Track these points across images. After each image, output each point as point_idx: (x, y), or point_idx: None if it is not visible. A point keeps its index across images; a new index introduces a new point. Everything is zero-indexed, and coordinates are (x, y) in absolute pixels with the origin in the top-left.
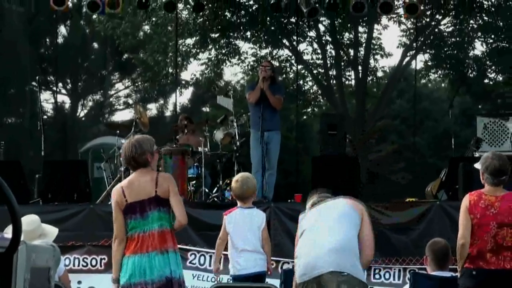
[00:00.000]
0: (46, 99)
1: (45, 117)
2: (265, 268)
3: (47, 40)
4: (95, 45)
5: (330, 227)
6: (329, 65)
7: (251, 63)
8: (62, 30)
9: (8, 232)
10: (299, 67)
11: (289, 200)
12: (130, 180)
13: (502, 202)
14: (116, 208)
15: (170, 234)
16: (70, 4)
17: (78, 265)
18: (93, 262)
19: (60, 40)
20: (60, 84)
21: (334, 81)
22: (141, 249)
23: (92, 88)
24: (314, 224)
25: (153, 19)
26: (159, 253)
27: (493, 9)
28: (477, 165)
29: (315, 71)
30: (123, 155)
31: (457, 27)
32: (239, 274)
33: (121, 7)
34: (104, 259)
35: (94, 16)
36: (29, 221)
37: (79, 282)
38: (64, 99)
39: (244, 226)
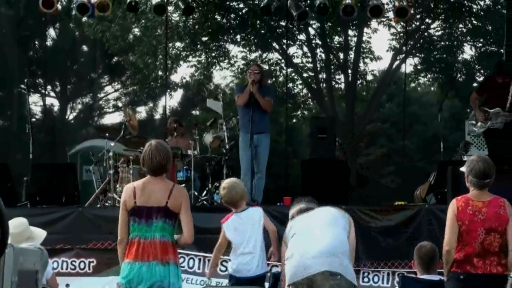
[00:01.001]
0: (35, 102)
1: (33, 119)
2: (264, 270)
3: (36, 43)
4: (85, 47)
5: (322, 229)
6: (318, 68)
7: (241, 66)
8: (51, 32)
9: None
10: (289, 70)
11: (278, 204)
12: (145, 182)
13: (489, 207)
14: (123, 207)
15: (171, 246)
16: (59, 7)
17: (66, 268)
18: (82, 265)
19: (49, 42)
20: (49, 87)
21: (324, 85)
22: (142, 256)
23: (81, 91)
24: (306, 227)
25: (143, 22)
26: (160, 264)
27: (482, 13)
28: (463, 168)
29: (304, 75)
30: (146, 159)
31: (447, 31)
32: (237, 276)
33: (110, 10)
34: (92, 262)
35: (84, 19)
36: (17, 224)
37: (67, 285)
38: (53, 102)
39: (245, 229)
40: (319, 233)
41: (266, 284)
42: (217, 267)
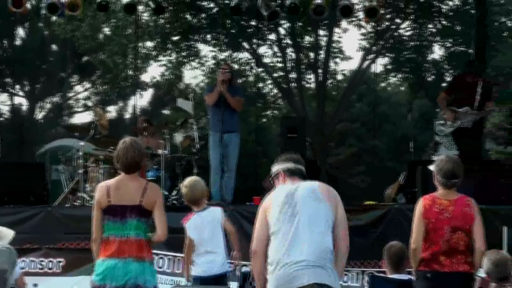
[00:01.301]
0: (3, 101)
1: (1, 119)
2: (227, 268)
3: (5, 42)
4: (54, 47)
5: (305, 231)
6: (289, 68)
7: (211, 66)
8: (20, 32)
9: None
10: (259, 70)
11: (247, 203)
12: (119, 181)
13: (456, 206)
14: (97, 206)
15: (145, 244)
16: (28, 6)
17: (35, 268)
18: (50, 265)
19: (18, 42)
20: (17, 86)
21: (294, 84)
22: (118, 253)
23: (50, 90)
24: (289, 226)
25: (113, 21)
26: (136, 260)
27: (451, 13)
28: (432, 167)
29: (275, 74)
30: (121, 156)
31: (416, 31)
32: (202, 275)
33: (80, 9)
34: (61, 261)
35: (54, 19)
36: None
37: (35, 285)
38: (21, 101)
39: (206, 228)
40: (304, 237)
41: (235, 284)
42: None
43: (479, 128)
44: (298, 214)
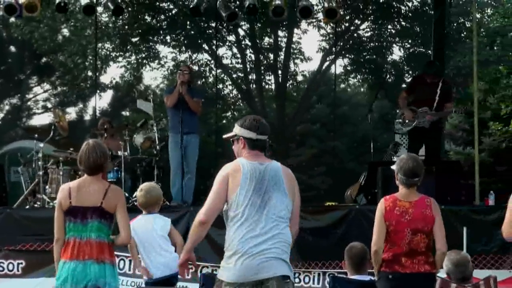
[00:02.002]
0: None
1: None
2: (175, 270)
3: None
4: (12, 48)
5: (273, 223)
6: (248, 69)
7: (171, 67)
8: None
9: None
10: (219, 71)
11: None
12: (80, 183)
13: (415, 208)
14: (58, 207)
15: (107, 246)
16: None
17: None
18: (10, 267)
19: None
20: None
21: (254, 86)
22: (77, 255)
23: (9, 92)
24: (257, 216)
25: (72, 22)
26: (95, 263)
27: (410, 14)
28: (393, 167)
29: (234, 75)
30: (84, 158)
31: (376, 32)
32: (150, 279)
33: (39, 10)
34: (21, 263)
35: (11, 20)
36: None
37: None
38: None
39: (149, 230)
40: (270, 229)
41: (196, 286)
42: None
43: (438, 129)
44: (267, 206)
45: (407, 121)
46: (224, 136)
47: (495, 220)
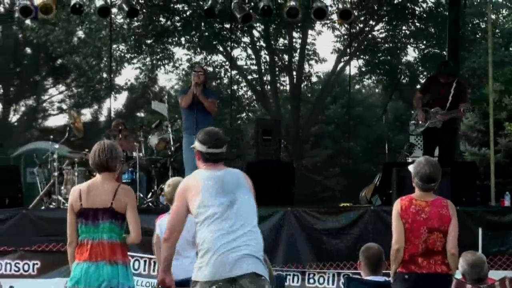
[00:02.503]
0: None
1: None
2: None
3: None
4: (28, 50)
5: (238, 217)
6: (263, 70)
7: (186, 68)
8: None
9: None
10: (233, 72)
11: None
12: (90, 185)
13: (432, 207)
14: (70, 210)
15: (120, 246)
16: (1, 9)
17: (10, 270)
18: (26, 267)
19: None
20: None
21: (269, 87)
22: (90, 256)
23: (24, 93)
24: (219, 210)
25: (87, 24)
26: (108, 264)
27: (424, 15)
28: (410, 168)
29: (249, 77)
30: (94, 157)
31: (390, 33)
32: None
33: (54, 12)
34: (37, 264)
35: (27, 22)
36: None
37: (11, 287)
38: None
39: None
40: (238, 226)
41: None
42: None
43: (452, 129)
44: (235, 204)
45: (420, 122)
46: (191, 146)
47: (511, 221)
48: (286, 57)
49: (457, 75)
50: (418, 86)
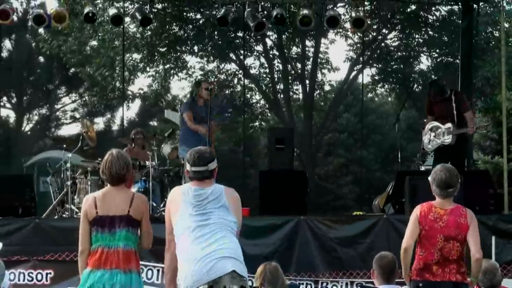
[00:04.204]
0: None
1: None
2: None
3: None
4: (41, 59)
5: (212, 230)
6: (276, 79)
7: (199, 77)
8: (7, 44)
9: None
10: (246, 81)
11: None
12: (105, 192)
13: (450, 216)
14: (84, 218)
15: (134, 254)
16: (15, 18)
17: (24, 280)
18: (39, 277)
19: (4, 54)
20: (4, 98)
21: (282, 95)
22: (104, 264)
23: (38, 102)
24: (194, 228)
25: (100, 34)
26: (122, 272)
27: (437, 23)
28: (430, 178)
29: (262, 85)
30: (107, 168)
31: (403, 41)
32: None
33: (67, 21)
34: (50, 273)
35: (40, 32)
36: None
37: None
38: (8, 113)
39: None
40: (211, 234)
41: None
42: None
43: (463, 140)
44: (210, 220)
45: (434, 138)
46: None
47: None
48: (299, 65)
49: (445, 91)
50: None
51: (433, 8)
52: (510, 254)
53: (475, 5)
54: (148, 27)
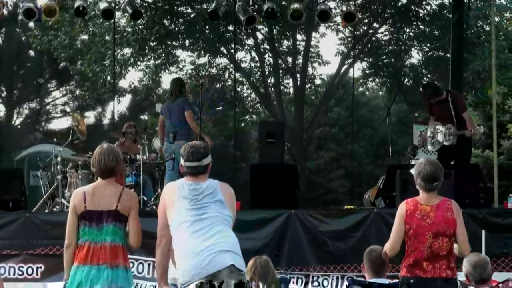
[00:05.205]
0: None
1: None
2: None
3: None
4: (31, 52)
5: (208, 224)
6: (267, 72)
7: (189, 71)
8: None
9: None
10: (237, 75)
11: None
12: (94, 187)
13: (437, 211)
14: (72, 212)
15: (121, 250)
16: (5, 12)
17: (14, 274)
18: (29, 271)
19: None
20: None
21: (272, 89)
22: (91, 260)
23: (28, 96)
24: (191, 222)
25: (91, 28)
26: (109, 267)
27: (428, 18)
28: (412, 171)
29: (253, 79)
30: (97, 161)
31: (394, 35)
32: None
33: (57, 14)
34: (40, 267)
35: (31, 24)
36: None
37: None
38: None
39: None
40: (208, 229)
41: None
42: None
43: (466, 142)
44: (206, 214)
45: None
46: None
47: None
48: (290, 59)
49: (439, 93)
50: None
51: (424, 2)
52: (500, 248)
53: None
54: (139, 21)
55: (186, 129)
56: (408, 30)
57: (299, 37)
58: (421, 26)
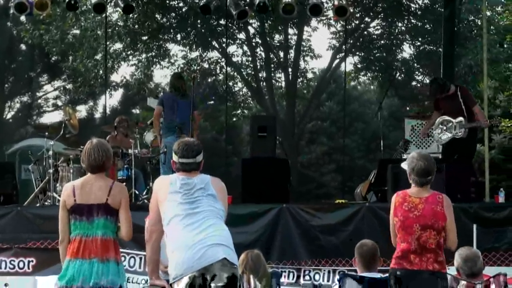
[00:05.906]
0: None
1: None
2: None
3: None
4: (23, 46)
5: (201, 218)
6: (259, 67)
7: (181, 65)
8: None
9: None
10: (229, 69)
11: None
12: (84, 181)
13: (426, 204)
14: (63, 207)
15: (112, 243)
16: None
17: (5, 268)
18: (21, 265)
19: None
20: None
21: (264, 83)
22: (83, 254)
23: (19, 90)
24: (183, 216)
25: (82, 23)
26: (100, 261)
27: (420, 12)
28: (404, 165)
29: (244, 73)
30: (86, 157)
31: (386, 29)
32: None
33: (49, 8)
34: (32, 261)
35: (22, 18)
36: None
37: (6, 285)
38: None
39: None
40: (201, 223)
41: None
42: None
43: (473, 136)
44: (199, 209)
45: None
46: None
47: (505, 217)
48: (281, 53)
49: (446, 88)
50: (414, 83)
51: None
52: (491, 242)
53: None
54: (131, 15)
55: (190, 126)
56: (400, 24)
57: (290, 31)
58: (413, 20)
